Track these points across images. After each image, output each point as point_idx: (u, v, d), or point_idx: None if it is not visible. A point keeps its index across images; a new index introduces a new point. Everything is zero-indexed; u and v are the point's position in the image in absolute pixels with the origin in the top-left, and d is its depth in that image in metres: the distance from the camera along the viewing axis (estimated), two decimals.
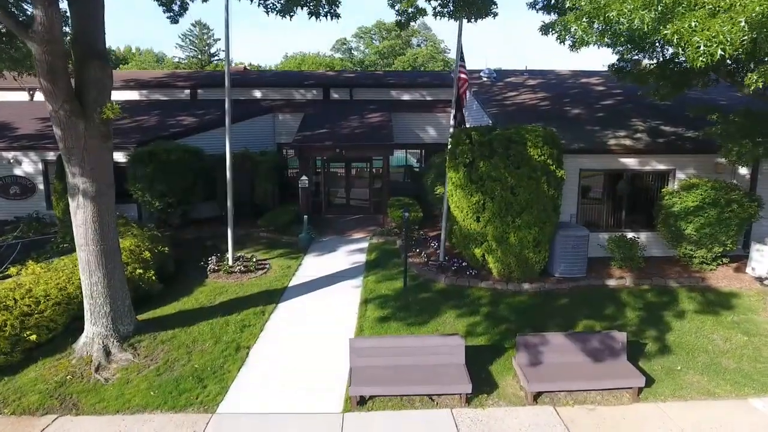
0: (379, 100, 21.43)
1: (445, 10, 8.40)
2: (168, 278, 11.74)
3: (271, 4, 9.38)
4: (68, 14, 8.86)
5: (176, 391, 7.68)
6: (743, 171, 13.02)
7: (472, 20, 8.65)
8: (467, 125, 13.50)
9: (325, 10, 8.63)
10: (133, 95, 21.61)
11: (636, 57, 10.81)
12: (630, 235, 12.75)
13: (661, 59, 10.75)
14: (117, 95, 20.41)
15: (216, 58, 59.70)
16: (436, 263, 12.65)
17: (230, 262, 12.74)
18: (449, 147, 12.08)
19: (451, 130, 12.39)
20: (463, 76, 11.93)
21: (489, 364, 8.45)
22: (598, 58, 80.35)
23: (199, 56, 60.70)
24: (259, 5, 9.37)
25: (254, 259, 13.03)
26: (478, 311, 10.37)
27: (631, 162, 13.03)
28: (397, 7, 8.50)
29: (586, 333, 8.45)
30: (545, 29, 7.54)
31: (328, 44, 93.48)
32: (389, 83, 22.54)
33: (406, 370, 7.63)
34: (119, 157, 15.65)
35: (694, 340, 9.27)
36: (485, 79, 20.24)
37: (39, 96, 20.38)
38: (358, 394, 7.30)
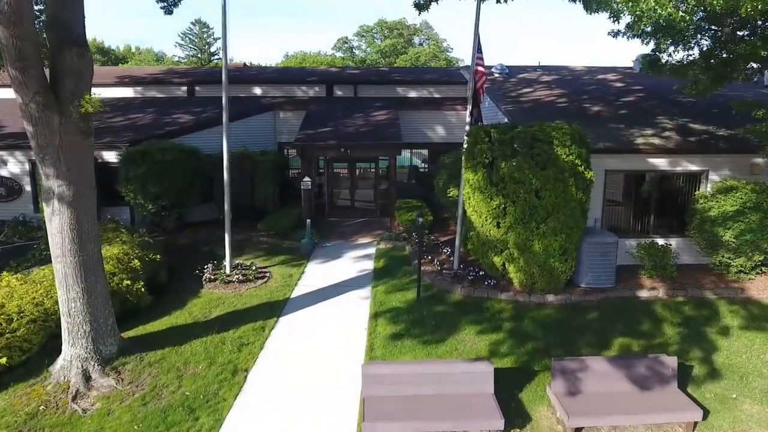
0: (384, 98, 20.42)
1: None
2: (159, 288, 10.78)
3: None
4: None
5: (163, 425, 6.70)
6: None
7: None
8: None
9: None
10: (127, 92, 20.63)
11: (671, 48, 9.83)
12: (660, 241, 11.77)
13: (704, 50, 9.79)
14: (110, 92, 19.55)
15: (216, 57, 58.60)
16: (450, 272, 11.67)
17: (227, 270, 11.76)
18: (466, 146, 11.09)
19: (467, 127, 11.40)
20: (480, 69, 10.95)
21: (518, 390, 7.48)
22: (600, 58, 79.50)
23: (199, 55, 59.75)
24: None
25: (254, 267, 12.05)
26: (501, 327, 9.40)
27: (660, 163, 12.06)
28: None
29: (630, 357, 7.48)
30: (596, 5, 6.58)
31: (329, 44, 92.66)
32: (395, 80, 21.56)
33: (427, 401, 6.66)
34: (110, 157, 14.76)
35: (746, 361, 8.29)
36: (497, 75, 19.26)
37: None
38: (372, 431, 6.33)
